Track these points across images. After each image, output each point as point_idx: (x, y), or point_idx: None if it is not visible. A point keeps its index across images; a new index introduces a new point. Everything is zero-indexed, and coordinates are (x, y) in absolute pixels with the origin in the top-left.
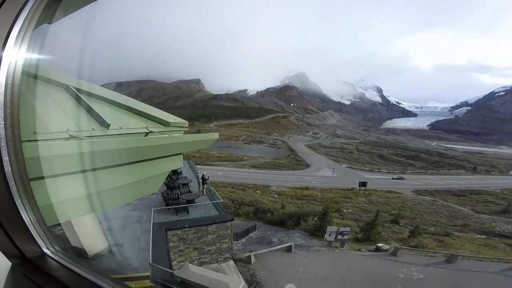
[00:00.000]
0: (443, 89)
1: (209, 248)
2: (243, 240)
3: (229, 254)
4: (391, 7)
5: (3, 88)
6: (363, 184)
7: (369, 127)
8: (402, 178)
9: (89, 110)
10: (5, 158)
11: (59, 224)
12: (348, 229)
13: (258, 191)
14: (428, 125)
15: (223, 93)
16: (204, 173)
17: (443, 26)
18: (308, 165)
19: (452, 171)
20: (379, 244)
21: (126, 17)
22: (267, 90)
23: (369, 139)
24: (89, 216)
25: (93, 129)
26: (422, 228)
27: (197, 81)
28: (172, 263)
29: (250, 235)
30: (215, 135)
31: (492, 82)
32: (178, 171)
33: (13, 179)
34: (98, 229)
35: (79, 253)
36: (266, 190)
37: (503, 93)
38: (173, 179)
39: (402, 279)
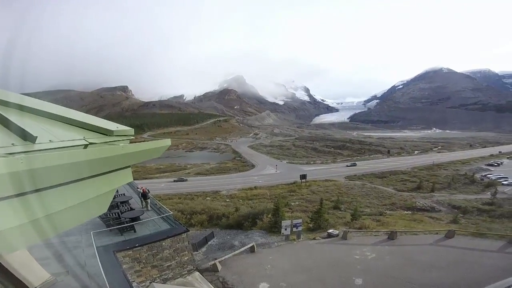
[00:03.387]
0: (357, 86)
1: (169, 264)
2: (203, 249)
3: (192, 265)
4: (316, 12)
5: None
6: (303, 176)
7: (301, 124)
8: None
9: (5, 122)
10: None
11: None
12: (300, 220)
13: (208, 198)
14: (348, 118)
15: (156, 99)
16: (144, 187)
17: (360, 29)
18: (253, 166)
19: (372, 155)
20: (330, 230)
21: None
22: (205, 94)
23: (302, 135)
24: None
25: (13, 144)
26: (360, 211)
27: (124, 88)
28: (133, 284)
29: (209, 243)
30: (167, 142)
31: (394, 78)
32: None
33: None
34: (32, 259)
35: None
36: (216, 196)
37: (401, 86)
38: None
39: (358, 260)
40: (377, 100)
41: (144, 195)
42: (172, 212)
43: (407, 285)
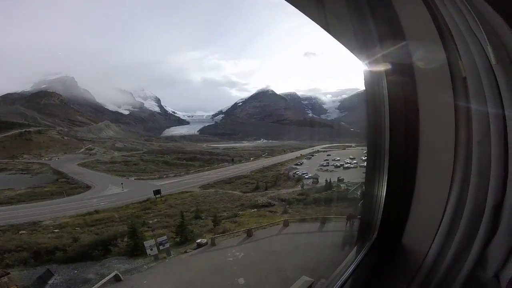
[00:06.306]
0: (207, 100)
1: None
2: None
3: None
4: (177, 23)
5: None
6: (157, 192)
7: (150, 136)
8: None
9: None
10: None
11: None
12: (164, 237)
13: (23, 232)
14: (198, 131)
15: None
16: None
17: (212, 47)
18: (88, 187)
19: (220, 164)
20: (198, 240)
21: None
22: (5, 96)
23: (152, 148)
24: None
25: None
26: (219, 216)
27: None
28: None
29: (50, 282)
30: None
31: (236, 95)
32: None
33: None
34: None
35: None
36: (36, 228)
37: (241, 103)
38: None
39: (233, 262)
40: (223, 115)
41: None
42: None
43: (278, 273)
